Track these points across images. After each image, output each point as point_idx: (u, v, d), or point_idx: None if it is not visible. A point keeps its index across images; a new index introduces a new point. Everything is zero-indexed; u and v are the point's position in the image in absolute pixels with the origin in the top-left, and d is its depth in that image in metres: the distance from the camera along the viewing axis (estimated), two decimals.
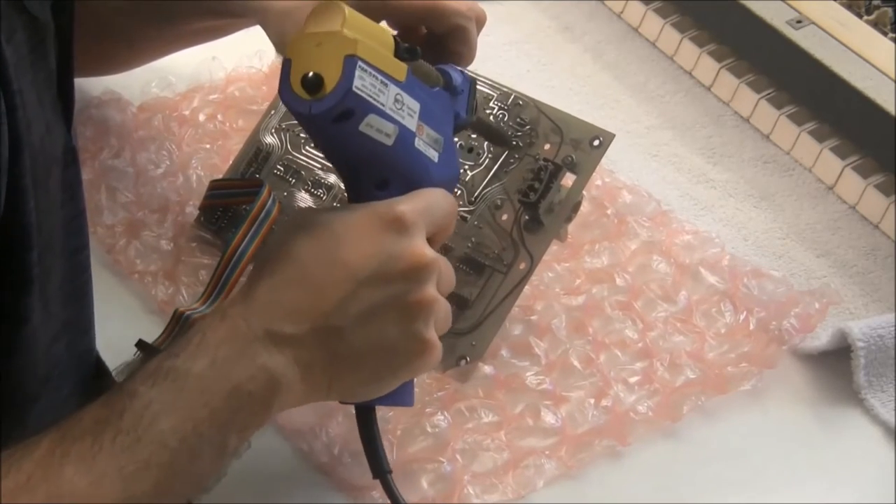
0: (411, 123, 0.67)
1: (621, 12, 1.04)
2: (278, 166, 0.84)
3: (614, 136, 0.78)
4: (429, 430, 0.72)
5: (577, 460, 0.72)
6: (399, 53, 0.66)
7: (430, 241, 0.67)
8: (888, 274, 0.84)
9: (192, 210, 0.84)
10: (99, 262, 0.82)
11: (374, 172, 0.67)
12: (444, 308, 0.67)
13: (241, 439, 0.63)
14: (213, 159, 0.88)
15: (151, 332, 0.76)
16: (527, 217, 0.78)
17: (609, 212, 0.85)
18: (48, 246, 0.63)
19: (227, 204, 0.84)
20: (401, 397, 0.68)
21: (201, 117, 0.92)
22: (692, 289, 0.81)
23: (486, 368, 0.76)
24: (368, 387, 0.67)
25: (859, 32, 0.91)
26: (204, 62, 0.94)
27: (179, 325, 0.76)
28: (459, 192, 0.79)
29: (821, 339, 0.79)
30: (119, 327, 0.77)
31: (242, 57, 0.94)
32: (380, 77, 0.64)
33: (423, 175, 0.68)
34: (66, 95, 0.65)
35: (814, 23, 0.92)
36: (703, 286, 0.81)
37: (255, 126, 0.87)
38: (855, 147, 0.89)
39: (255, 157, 0.85)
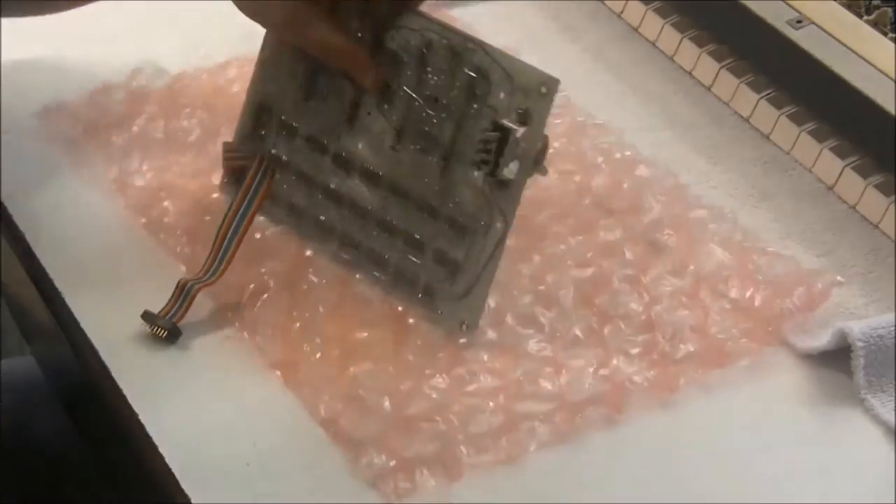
0: None
1: (621, 12, 1.04)
2: (278, 119, 0.83)
3: (559, 81, 0.76)
4: (427, 391, 0.73)
5: (572, 426, 0.73)
6: None
7: None
8: (888, 274, 0.84)
9: (220, 176, 0.86)
10: (126, 226, 0.85)
11: None
12: None
13: None
14: None
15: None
16: (494, 180, 0.76)
17: (625, 185, 0.86)
18: None
19: (242, 166, 0.84)
20: None
21: (235, 88, 0.93)
22: (702, 264, 0.82)
23: (490, 334, 0.77)
24: None
25: (859, 32, 0.91)
26: (244, 36, 0.93)
27: (183, 294, 0.77)
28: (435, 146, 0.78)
29: (821, 339, 0.79)
30: (147, 288, 0.79)
31: None
32: None
33: None
34: None
35: (814, 23, 0.92)
36: (713, 262, 0.82)
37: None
38: (855, 147, 0.89)
39: (259, 110, 0.84)
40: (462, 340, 0.77)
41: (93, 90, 0.94)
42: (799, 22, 0.92)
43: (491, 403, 0.73)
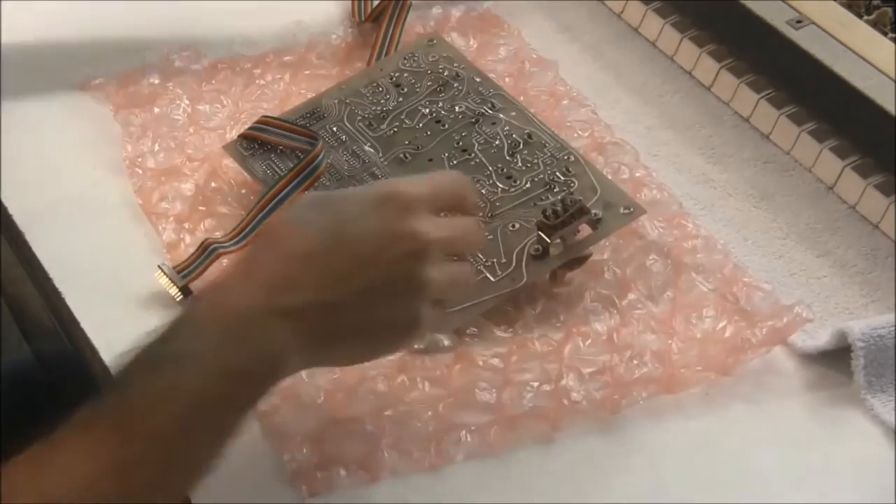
0: None
1: (621, 12, 1.04)
2: (329, 127, 0.87)
3: (645, 211, 0.81)
4: (365, 394, 0.72)
5: (503, 440, 0.73)
6: None
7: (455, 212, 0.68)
8: (888, 274, 0.84)
9: (229, 162, 0.87)
10: (127, 204, 0.86)
11: None
12: (442, 281, 0.66)
13: (240, 419, 0.62)
14: None
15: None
16: (537, 247, 0.79)
17: None
18: None
19: (269, 141, 0.85)
20: None
21: (268, 77, 0.94)
22: (682, 292, 0.81)
23: (446, 342, 0.77)
24: (359, 357, 0.68)
25: (859, 32, 0.91)
26: (289, 25, 0.97)
27: (205, 255, 0.78)
28: (486, 206, 0.82)
29: (821, 339, 0.79)
30: (134, 266, 0.81)
31: (329, 24, 0.97)
32: None
33: None
34: None
35: (814, 23, 0.92)
36: (694, 291, 0.81)
37: (319, 92, 0.89)
38: (855, 147, 0.89)
39: (311, 114, 0.88)
40: (418, 346, 0.77)
41: (131, 69, 0.95)
42: (799, 22, 0.92)
43: (430, 412, 0.73)
